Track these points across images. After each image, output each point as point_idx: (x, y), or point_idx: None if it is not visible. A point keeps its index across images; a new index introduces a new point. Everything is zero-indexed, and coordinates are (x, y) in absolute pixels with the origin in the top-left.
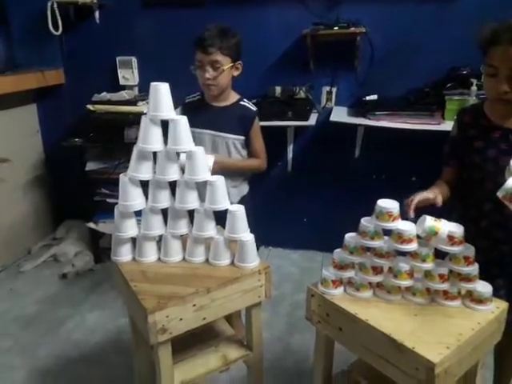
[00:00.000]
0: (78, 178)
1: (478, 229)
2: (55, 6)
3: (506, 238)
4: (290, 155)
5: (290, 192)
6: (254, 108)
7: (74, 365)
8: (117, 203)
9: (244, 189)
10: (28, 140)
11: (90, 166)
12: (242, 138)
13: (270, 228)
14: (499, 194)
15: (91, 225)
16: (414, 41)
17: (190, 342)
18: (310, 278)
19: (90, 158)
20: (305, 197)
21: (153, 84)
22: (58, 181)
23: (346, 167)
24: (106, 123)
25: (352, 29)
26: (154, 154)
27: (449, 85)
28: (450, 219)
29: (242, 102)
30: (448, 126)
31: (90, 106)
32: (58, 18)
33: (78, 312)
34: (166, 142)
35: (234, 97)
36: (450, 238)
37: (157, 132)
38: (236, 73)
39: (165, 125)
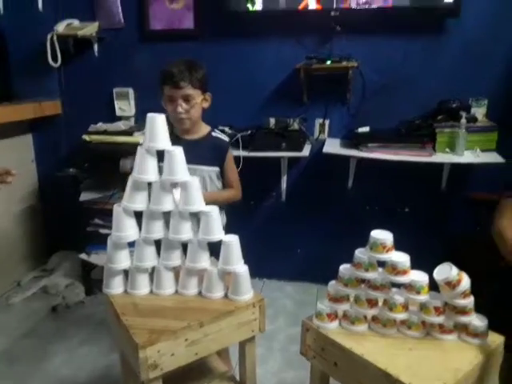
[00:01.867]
0: (72, 209)
1: None
2: (55, 38)
3: None
4: (283, 186)
5: (283, 222)
6: (226, 139)
7: None
8: (110, 234)
9: (222, 220)
10: (22, 170)
11: (84, 196)
12: (217, 169)
13: (264, 259)
14: None
15: (83, 256)
16: (405, 74)
17: (181, 379)
18: (304, 310)
19: (84, 188)
20: (298, 227)
21: (149, 115)
22: (52, 211)
23: (340, 198)
24: (102, 153)
25: (344, 63)
26: (149, 184)
27: (439, 117)
28: None
29: (213, 134)
30: (439, 157)
31: (85, 137)
32: (58, 50)
33: (67, 347)
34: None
35: (205, 129)
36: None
37: (152, 162)
38: (206, 104)
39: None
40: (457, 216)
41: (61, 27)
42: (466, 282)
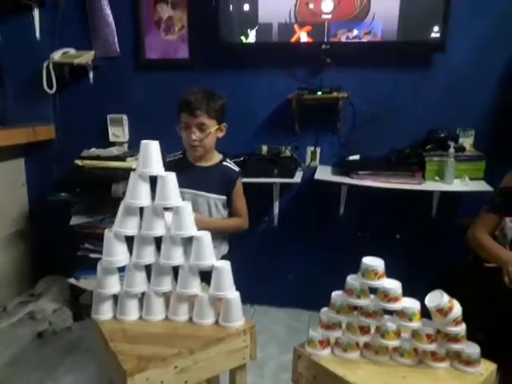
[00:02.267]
0: (62, 233)
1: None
2: (51, 66)
3: None
4: (276, 211)
5: (275, 248)
6: (236, 169)
7: None
8: (100, 258)
9: (224, 249)
10: (12, 193)
11: (75, 220)
12: (224, 197)
13: (255, 285)
14: None
15: (72, 280)
16: (394, 105)
17: None
18: (296, 337)
19: (75, 212)
20: (290, 253)
21: (143, 142)
22: (41, 235)
23: (331, 224)
24: (94, 178)
25: (334, 94)
26: (141, 209)
27: (428, 146)
28: None
29: (225, 163)
30: (429, 185)
31: (78, 161)
32: (53, 77)
33: (52, 375)
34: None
35: (217, 157)
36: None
37: (145, 188)
38: (221, 134)
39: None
40: (447, 243)
41: (57, 55)
42: (457, 309)
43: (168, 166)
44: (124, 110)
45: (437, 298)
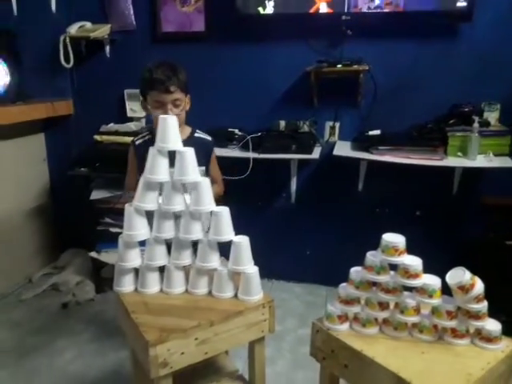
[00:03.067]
0: (83, 207)
1: None
2: (67, 40)
3: None
4: (293, 187)
5: (293, 224)
6: (209, 138)
7: None
8: (120, 233)
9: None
10: (34, 168)
11: (95, 195)
12: (203, 168)
13: (273, 260)
14: None
15: (94, 254)
16: (417, 78)
17: (191, 377)
18: (313, 312)
19: (95, 187)
20: (308, 229)
21: (161, 117)
22: (63, 209)
23: (350, 200)
24: (113, 153)
25: (355, 66)
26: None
27: (451, 121)
28: None
29: (196, 134)
30: (451, 161)
31: (97, 137)
32: (70, 51)
33: (77, 343)
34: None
35: (187, 130)
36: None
37: (164, 163)
38: (188, 106)
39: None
40: (469, 220)
41: (73, 29)
42: (479, 286)
43: (139, 149)
44: None
45: (458, 275)
